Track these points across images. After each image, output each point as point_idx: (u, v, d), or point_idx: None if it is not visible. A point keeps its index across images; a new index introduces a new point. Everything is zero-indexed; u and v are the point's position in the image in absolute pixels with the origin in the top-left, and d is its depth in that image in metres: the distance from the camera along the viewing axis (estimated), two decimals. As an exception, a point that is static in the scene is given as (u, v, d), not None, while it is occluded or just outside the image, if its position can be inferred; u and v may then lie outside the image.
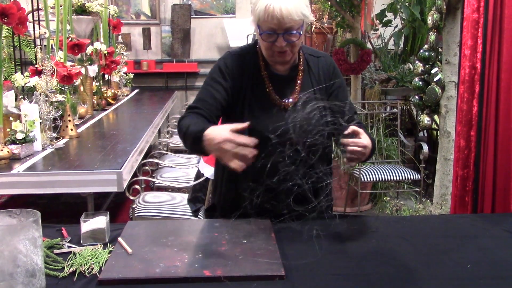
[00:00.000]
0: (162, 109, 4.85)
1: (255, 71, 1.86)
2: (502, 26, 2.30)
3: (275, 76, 1.86)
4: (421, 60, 3.57)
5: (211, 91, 1.82)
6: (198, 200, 2.99)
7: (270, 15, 1.66)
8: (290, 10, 1.66)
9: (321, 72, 1.90)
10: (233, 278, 1.38)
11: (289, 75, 1.87)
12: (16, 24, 2.60)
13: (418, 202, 4.24)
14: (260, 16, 1.68)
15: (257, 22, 1.71)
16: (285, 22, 1.67)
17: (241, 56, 1.87)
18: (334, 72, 1.93)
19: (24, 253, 1.23)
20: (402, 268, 1.48)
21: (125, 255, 1.52)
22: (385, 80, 5.79)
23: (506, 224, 1.83)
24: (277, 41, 1.72)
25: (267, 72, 1.86)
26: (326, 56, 1.96)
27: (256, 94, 1.84)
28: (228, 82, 1.83)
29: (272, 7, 1.65)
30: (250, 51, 1.89)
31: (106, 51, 4.58)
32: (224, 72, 1.84)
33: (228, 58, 1.87)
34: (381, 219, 1.88)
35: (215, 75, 1.85)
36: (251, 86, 1.84)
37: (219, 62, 1.88)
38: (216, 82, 1.83)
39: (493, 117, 2.36)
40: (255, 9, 1.70)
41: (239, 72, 1.84)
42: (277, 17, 1.66)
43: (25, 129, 2.73)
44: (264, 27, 1.70)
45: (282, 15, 1.65)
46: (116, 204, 4.42)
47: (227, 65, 1.85)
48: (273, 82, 1.85)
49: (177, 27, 6.75)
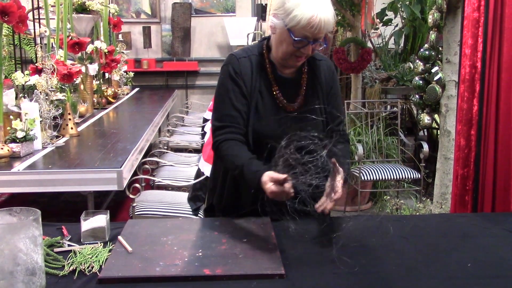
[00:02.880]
0: (162, 107, 4.85)
1: (263, 74, 1.85)
2: (502, 25, 2.30)
3: (281, 79, 1.86)
4: (422, 59, 3.57)
5: (232, 103, 1.81)
6: (198, 198, 2.99)
7: (312, 25, 1.67)
8: (329, 22, 1.70)
9: (323, 75, 1.92)
10: (233, 276, 1.38)
11: (295, 78, 1.88)
12: (16, 22, 2.60)
13: (418, 201, 4.24)
14: (300, 23, 1.67)
15: (292, 28, 1.70)
16: (321, 32, 1.71)
17: (248, 59, 1.86)
18: (333, 77, 1.95)
19: (24, 251, 1.23)
20: (402, 267, 1.48)
21: (125, 254, 1.52)
22: (386, 79, 5.79)
23: (506, 223, 1.83)
24: (305, 48, 1.74)
25: (274, 75, 1.86)
26: (327, 60, 1.98)
27: (263, 97, 1.84)
28: (242, 88, 1.82)
29: (318, 18, 1.67)
30: (255, 53, 1.88)
31: (107, 49, 4.58)
32: (236, 78, 1.82)
33: (235, 63, 1.84)
34: (381, 218, 1.88)
35: (227, 84, 1.83)
36: (259, 89, 1.84)
37: (227, 68, 1.85)
38: (231, 91, 1.82)
39: (493, 116, 2.36)
40: (291, 14, 1.68)
41: (248, 75, 1.83)
42: (318, 28, 1.68)
43: (25, 128, 2.73)
44: (298, 34, 1.70)
45: (322, 26, 1.69)
46: (116, 203, 4.42)
47: (235, 71, 1.83)
48: (279, 85, 1.86)
49: (177, 25, 6.75)
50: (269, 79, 1.85)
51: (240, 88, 1.82)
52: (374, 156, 4.71)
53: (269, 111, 1.83)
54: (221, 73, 1.87)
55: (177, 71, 6.92)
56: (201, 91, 7.03)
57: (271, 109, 1.84)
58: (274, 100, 1.85)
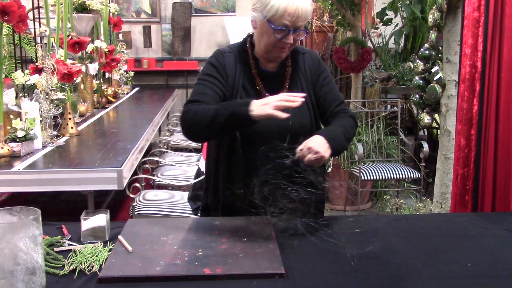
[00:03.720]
0: (162, 107, 4.85)
1: (246, 69, 1.90)
2: (502, 25, 2.30)
3: (265, 73, 1.91)
4: (422, 58, 3.57)
5: (209, 85, 1.85)
6: (198, 198, 2.98)
7: (289, 13, 1.73)
8: (307, 10, 1.75)
9: (307, 67, 1.95)
10: (233, 276, 1.38)
11: (278, 72, 1.92)
12: (16, 22, 2.60)
13: (418, 201, 4.24)
14: (278, 12, 1.73)
15: (271, 18, 1.75)
16: (299, 20, 1.75)
17: (232, 54, 1.91)
18: (319, 66, 1.98)
19: (24, 251, 1.23)
20: (402, 266, 1.48)
21: (125, 253, 1.52)
22: (386, 79, 5.79)
23: (506, 223, 1.83)
24: (287, 37, 1.78)
25: (257, 70, 1.90)
26: (311, 52, 2.02)
27: (247, 92, 1.88)
28: (223, 78, 1.86)
29: (295, 6, 1.72)
30: (239, 49, 1.93)
31: (107, 49, 4.58)
32: (218, 68, 1.87)
33: (219, 56, 1.90)
34: (381, 218, 1.88)
35: (209, 71, 1.88)
36: (243, 84, 1.88)
37: (210, 59, 1.91)
38: (211, 76, 1.86)
39: (494, 116, 2.36)
40: (268, 4, 1.74)
41: (231, 70, 1.88)
42: (296, 15, 1.73)
43: (25, 127, 2.73)
44: (278, 23, 1.75)
45: (300, 14, 1.74)
46: (117, 202, 4.42)
47: (220, 62, 1.88)
48: (263, 79, 1.90)
49: (177, 25, 6.75)
50: (252, 74, 1.89)
51: (221, 77, 1.86)
52: (374, 156, 4.71)
53: None
54: (205, 64, 1.92)
55: (177, 71, 6.92)
56: (201, 91, 7.01)
57: None
58: (258, 94, 1.88)
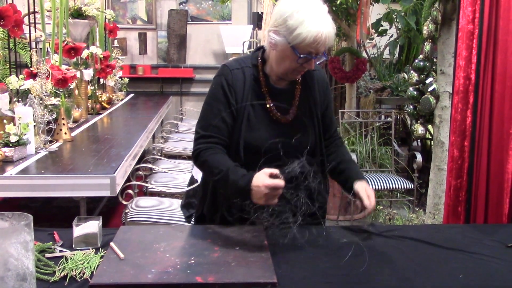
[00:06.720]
0: (156, 114, 4.85)
1: (255, 86, 1.84)
2: (496, 38, 2.32)
3: (275, 90, 1.85)
4: (416, 70, 3.59)
5: (221, 114, 1.80)
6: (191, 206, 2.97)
7: (318, 42, 1.67)
8: (332, 37, 1.71)
9: (316, 85, 1.92)
10: (225, 285, 1.38)
11: (288, 89, 1.88)
12: (12, 26, 2.60)
13: (411, 211, 4.24)
14: (306, 41, 1.67)
15: (296, 45, 1.69)
16: (323, 47, 1.71)
17: (241, 71, 1.84)
18: (327, 88, 1.98)
19: (15, 256, 1.22)
20: (394, 277, 1.48)
21: (117, 260, 1.51)
22: (380, 89, 5.82)
23: (498, 235, 1.83)
24: (309, 63, 1.74)
25: (267, 87, 1.85)
26: (321, 70, 1.98)
27: (256, 109, 1.83)
28: (232, 100, 1.81)
29: (324, 35, 1.67)
30: (249, 65, 1.86)
31: (102, 55, 4.58)
32: (227, 90, 1.81)
33: (228, 74, 1.82)
34: (374, 228, 1.88)
35: (219, 94, 1.82)
36: (251, 101, 1.82)
37: (219, 79, 1.83)
38: (221, 102, 1.81)
39: (487, 127, 2.37)
40: (295, 31, 1.67)
41: (241, 87, 1.82)
42: (323, 43, 1.69)
43: (18, 132, 2.72)
44: (303, 51, 1.70)
45: (326, 42, 1.70)
46: (109, 209, 4.40)
47: (228, 82, 1.81)
48: (272, 96, 1.85)
49: (173, 32, 6.77)
50: (262, 91, 1.84)
51: (230, 101, 1.81)
52: (367, 166, 4.72)
53: (262, 123, 1.83)
54: (213, 83, 1.86)
55: (172, 78, 6.92)
56: (196, 98, 7.03)
57: (264, 121, 1.83)
58: (267, 112, 1.84)
